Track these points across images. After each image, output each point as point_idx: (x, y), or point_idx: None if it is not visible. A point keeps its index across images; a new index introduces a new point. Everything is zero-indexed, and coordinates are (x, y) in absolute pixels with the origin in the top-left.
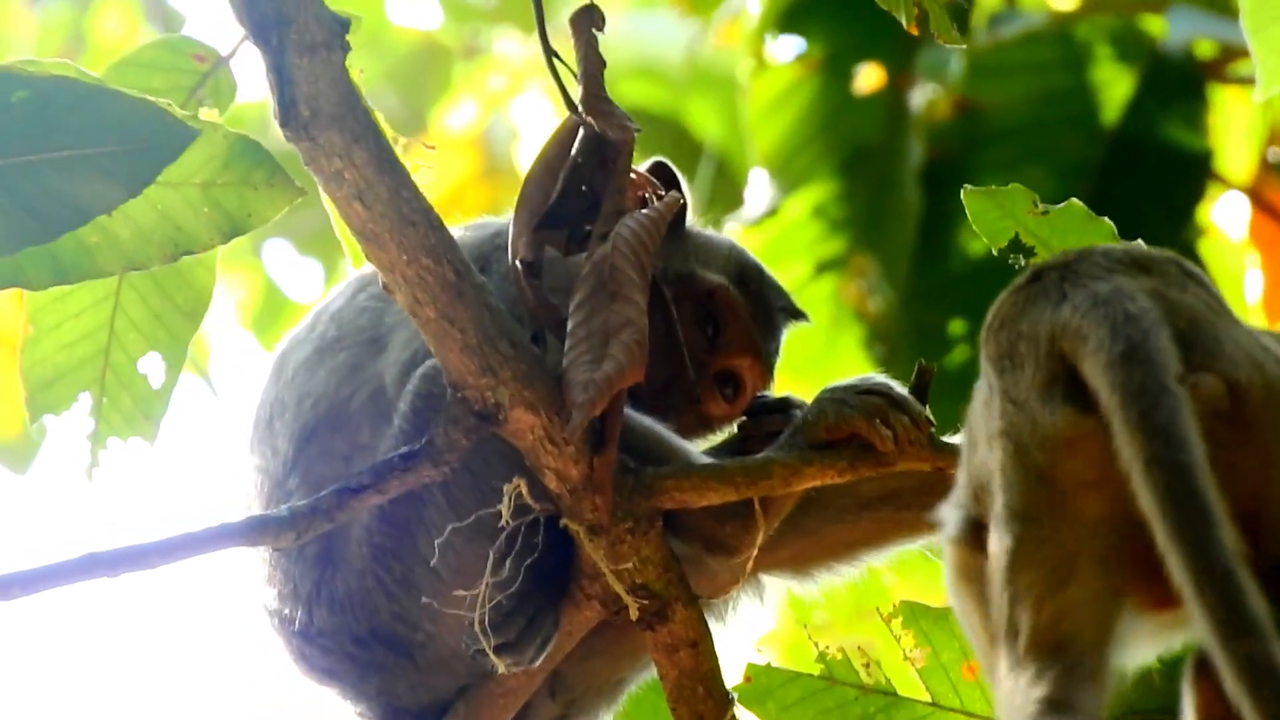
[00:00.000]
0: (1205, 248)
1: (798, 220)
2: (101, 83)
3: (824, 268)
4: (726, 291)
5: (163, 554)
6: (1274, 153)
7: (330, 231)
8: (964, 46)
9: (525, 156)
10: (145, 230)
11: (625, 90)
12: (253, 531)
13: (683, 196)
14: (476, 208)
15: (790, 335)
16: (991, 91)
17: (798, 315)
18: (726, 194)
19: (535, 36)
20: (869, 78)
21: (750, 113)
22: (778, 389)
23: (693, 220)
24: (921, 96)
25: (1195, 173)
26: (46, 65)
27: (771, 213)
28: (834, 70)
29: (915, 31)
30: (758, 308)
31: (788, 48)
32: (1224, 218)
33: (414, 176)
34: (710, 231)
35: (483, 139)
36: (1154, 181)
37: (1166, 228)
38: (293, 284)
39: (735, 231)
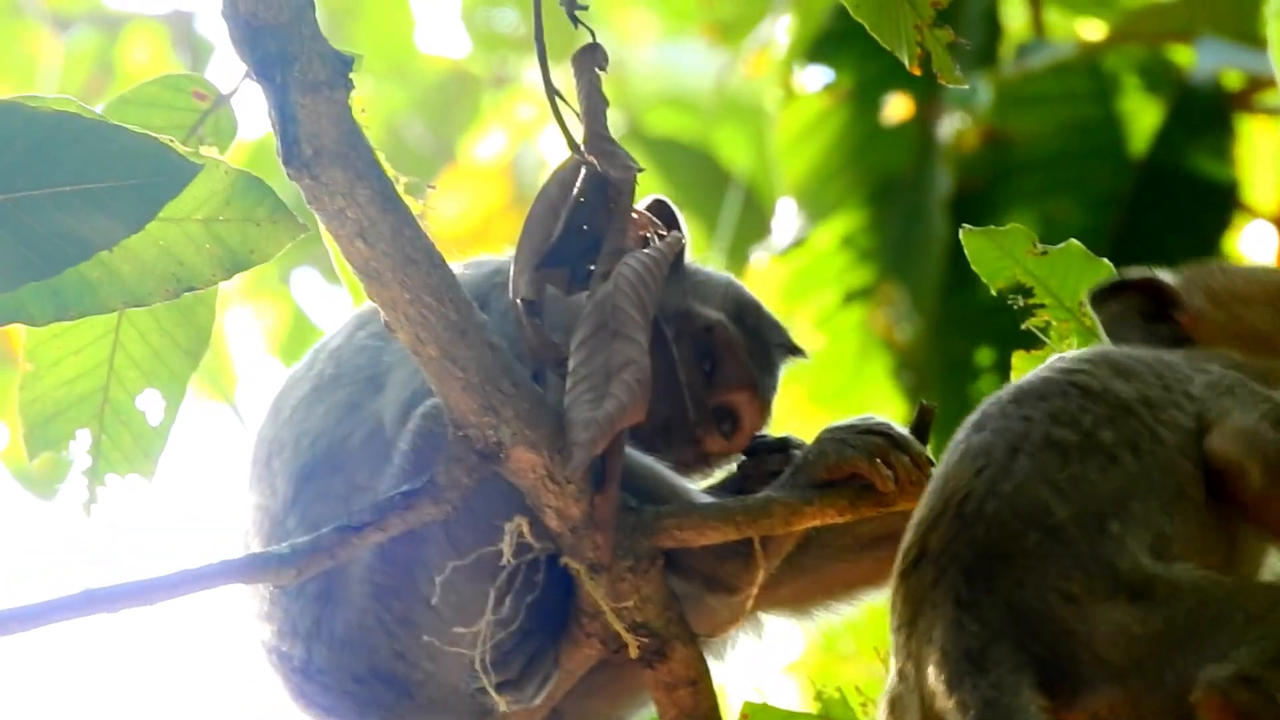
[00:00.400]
0: None
1: (826, 250)
2: (103, 118)
3: (852, 297)
4: (724, 328)
5: (162, 590)
6: None
7: None
8: (966, 86)
9: None
10: (147, 266)
11: (654, 120)
12: (253, 569)
13: (683, 235)
14: (504, 237)
15: (818, 364)
16: (1020, 121)
17: (795, 351)
18: (755, 223)
19: (565, 65)
20: (897, 108)
21: (779, 142)
22: (805, 418)
23: (691, 258)
24: (950, 126)
25: (1222, 202)
26: (49, 100)
27: (800, 242)
28: (862, 100)
29: (918, 72)
30: (755, 344)
31: (816, 78)
32: (1251, 247)
33: (440, 206)
34: (709, 269)
35: (511, 168)
36: (1181, 211)
37: (1193, 257)
38: (321, 312)
39: (763, 261)
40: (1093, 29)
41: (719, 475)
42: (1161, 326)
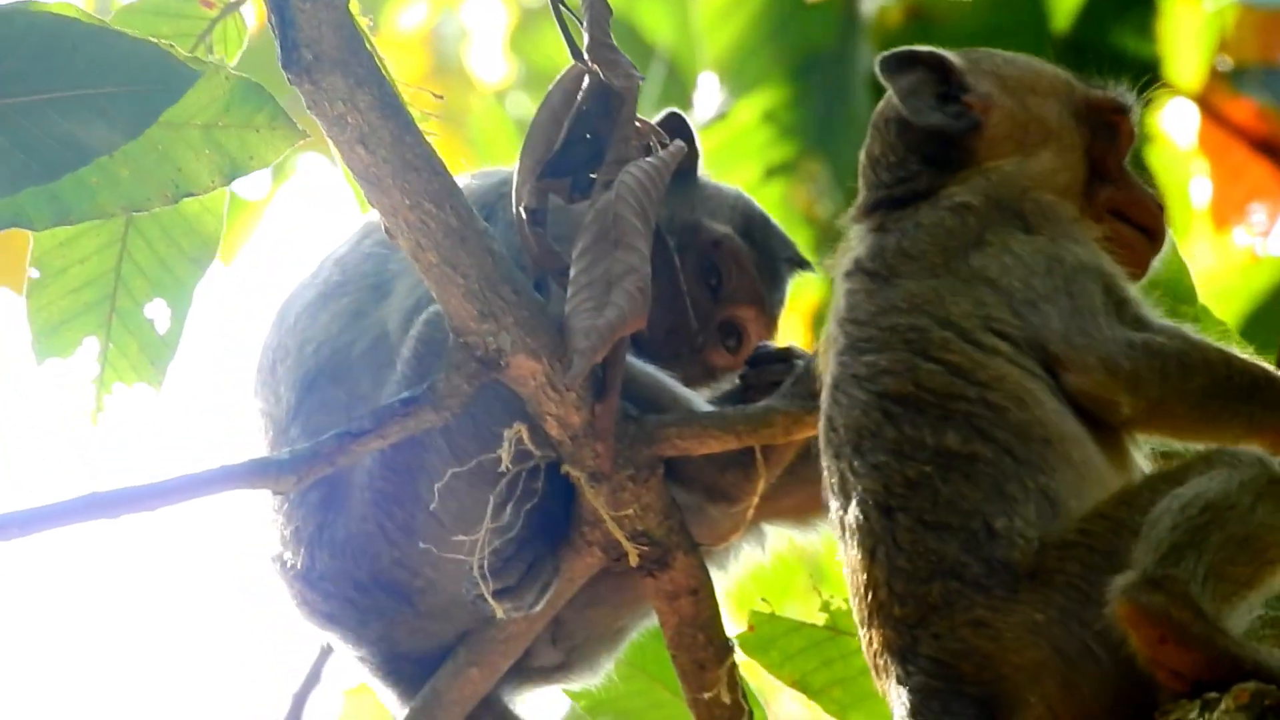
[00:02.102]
0: (1153, 155)
1: (748, 125)
2: (104, 23)
3: (773, 172)
4: (731, 241)
5: (163, 496)
6: (1223, 61)
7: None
8: None
9: (474, 57)
10: (145, 171)
11: None
12: (254, 474)
13: (690, 146)
14: (423, 107)
15: None
16: None
17: (803, 265)
18: (677, 97)
19: None
20: None
21: (702, 16)
22: None
23: (703, 171)
24: (873, 3)
25: (1145, 80)
26: (50, 5)
27: (722, 116)
28: None
29: None
30: (762, 258)
31: None
32: (1173, 125)
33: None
34: (719, 182)
35: (431, 38)
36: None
37: None
38: (241, 182)
39: None
40: None
41: (721, 385)
42: (953, 106)
